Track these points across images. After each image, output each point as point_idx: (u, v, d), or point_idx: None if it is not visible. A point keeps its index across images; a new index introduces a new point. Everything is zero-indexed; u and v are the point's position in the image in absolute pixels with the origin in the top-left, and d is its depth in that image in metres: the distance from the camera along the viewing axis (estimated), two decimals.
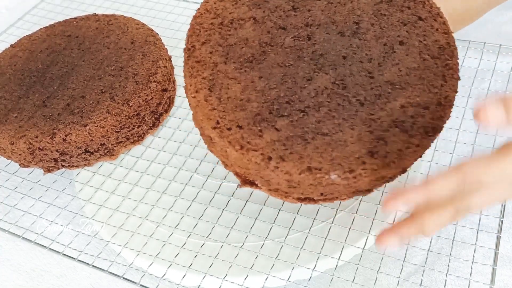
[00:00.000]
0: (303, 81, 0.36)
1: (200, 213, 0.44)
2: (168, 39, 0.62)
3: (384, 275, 0.41)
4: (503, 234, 0.42)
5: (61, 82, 0.50)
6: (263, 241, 0.42)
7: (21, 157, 0.48)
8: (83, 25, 0.57)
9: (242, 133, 0.34)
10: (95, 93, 0.48)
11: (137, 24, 0.56)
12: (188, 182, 0.47)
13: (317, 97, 0.35)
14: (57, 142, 0.45)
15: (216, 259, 0.41)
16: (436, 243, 0.43)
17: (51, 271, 0.46)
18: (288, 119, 0.34)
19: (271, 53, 0.37)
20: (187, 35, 0.40)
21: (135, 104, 0.48)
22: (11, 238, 0.49)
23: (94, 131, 0.46)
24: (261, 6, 0.40)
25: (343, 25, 0.39)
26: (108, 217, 0.45)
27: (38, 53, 0.55)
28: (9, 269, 0.47)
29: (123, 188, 0.47)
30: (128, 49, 0.52)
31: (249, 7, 0.40)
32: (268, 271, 0.39)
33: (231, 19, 0.40)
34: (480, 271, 0.41)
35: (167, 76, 0.52)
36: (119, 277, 0.41)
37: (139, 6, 0.71)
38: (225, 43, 0.38)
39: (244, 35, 0.39)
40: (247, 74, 0.36)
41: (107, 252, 0.45)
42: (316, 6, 0.40)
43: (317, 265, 0.39)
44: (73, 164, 0.48)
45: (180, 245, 0.42)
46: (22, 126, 0.47)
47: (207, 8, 0.41)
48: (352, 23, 0.39)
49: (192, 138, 0.51)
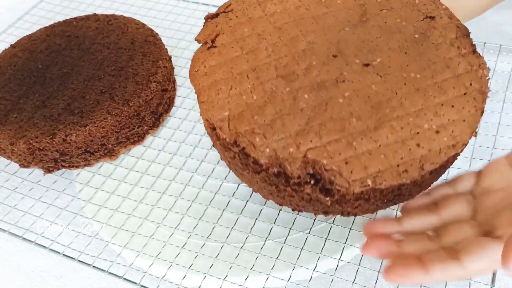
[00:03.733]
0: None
1: (200, 213, 0.44)
2: (168, 39, 0.62)
3: None
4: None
5: (61, 82, 0.50)
6: (263, 241, 0.42)
7: (21, 157, 0.47)
8: (83, 25, 0.57)
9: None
10: (95, 93, 0.48)
11: (137, 24, 0.56)
12: (188, 183, 0.47)
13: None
14: (57, 142, 0.45)
15: (216, 259, 0.40)
16: None
17: (51, 271, 0.46)
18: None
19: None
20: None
21: (135, 104, 0.48)
22: (11, 239, 0.48)
23: (94, 131, 0.46)
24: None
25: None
26: (108, 217, 0.45)
27: (38, 53, 0.54)
28: (9, 270, 0.47)
29: (123, 189, 0.47)
30: (128, 49, 0.52)
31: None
32: (268, 272, 0.39)
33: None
34: None
35: (167, 76, 0.52)
36: (120, 278, 0.40)
37: (139, 6, 0.71)
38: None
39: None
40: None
41: (107, 252, 0.45)
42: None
43: (318, 265, 0.39)
44: (73, 164, 0.48)
45: (180, 246, 0.42)
46: (22, 126, 0.47)
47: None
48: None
49: (192, 138, 0.51)
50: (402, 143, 0.31)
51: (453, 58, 0.34)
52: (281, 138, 0.31)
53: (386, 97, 0.32)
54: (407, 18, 0.37)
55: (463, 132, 0.31)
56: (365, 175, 0.30)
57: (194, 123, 0.52)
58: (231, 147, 0.32)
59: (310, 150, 0.31)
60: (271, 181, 0.32)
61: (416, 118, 0.32)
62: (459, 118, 0.32)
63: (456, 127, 0.31)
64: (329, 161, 0.30)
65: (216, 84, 0.35)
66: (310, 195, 0.31)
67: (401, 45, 0.35)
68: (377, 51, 0.35)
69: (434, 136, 0.31)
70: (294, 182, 0.31)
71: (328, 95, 0.33)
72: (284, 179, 0.31)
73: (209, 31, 0.38)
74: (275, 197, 0.35)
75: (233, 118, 0.33)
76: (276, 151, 0.31)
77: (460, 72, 0.33)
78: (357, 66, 0.34)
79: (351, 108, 0.32)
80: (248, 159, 0.32)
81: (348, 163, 0.30)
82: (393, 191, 0.31)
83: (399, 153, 0.30)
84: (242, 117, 0.32)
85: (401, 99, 0.32)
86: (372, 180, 0.30)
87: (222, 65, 0.36)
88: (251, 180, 0.35)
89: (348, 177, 0.30)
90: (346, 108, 0.32)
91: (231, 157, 0.34)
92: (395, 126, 0.31)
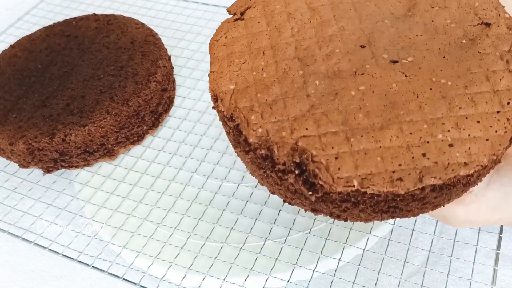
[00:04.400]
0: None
1: (200, 213, 0.44)
2: (167, 39, 0.62)
3: (385, 276, 0.41)
4: (504, 234, 0.42)
5: (60, 82, 0.50)
6: (263, 241, 0.42)
7: (20, 157, 0.47)
8: (82, 25, 0.57)
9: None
10: (95, 93, 0.48)
11: (136, 23, 0.56)
12: (188, 183, 0.47)
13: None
14: (57, 142, 0.45)
15: (216, 259, 0.40)
16: (437, 243, 0.43)
17: (51, 271, 0.46)
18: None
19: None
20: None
21: (134, 104, 0.48)
22: (10, 239, 0.48)
23: (94, 131, 0.46)
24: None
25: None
26: (108, 217, 0.45)
27: (37, 53, 0.54)
28: (9, 270, 0.47)
29: (123, 189, 0.47)
30: (128, 49, 0.52)
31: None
32: (268, 272, 0.39)
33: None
34: (481, 272, 0.40)
35: (166, 76, 0.52)
36: (119, 278, 0.40)
37: (139, 6, 0.71)
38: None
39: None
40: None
41: (107, 252, 0.44)
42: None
43: (318, 265, 0.39)
44: (73, 164, 0.48)
45: (180, 246, 0.42)
46: (22, 126, 0.46)
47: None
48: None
49: (192, 138, 0.51)
50: (407, 149, 0.28)
51: (497, 71, 0.30)
52: (278, 120, 0.30)
53: (405, 98, 0.30)
54: (459, 20, 0.33)
55: (481, 152, 0.27)
56: (352, 175, 0.27)
57: (194, 123, 0.52)
58: (227, 121, 0.31)
59: (303, 137, 0.29)
60: (259, 164, 0.31)
61: (431, 126, 0.28)
62: (482, 136, 0.28)
63: (474, 144, 0.28)
64: (318, 153, 0.28)
65: (230, 55, 0.33)
66: (293, 186, 0.30)
67: (442, 48, 0.32)
68: (412, 50, 0.32)
69: (445, 149, 0.28)
70: (279, 169, 0.29)
71: (341, 85, 0.30)
72: (271, 163, 0.29)
73: (242, 2, 0.37)
74: (265, 182, 0.34)
75: (237, 92, 0.31)
76: (268, 132, 0.29)
77: (501, 88, 0.29)
78: (384, 61, 0.31)
79: (361, 103, 0.29)
80: (240, 136, 0.30)
81: (338, 159, 0.28)
82: (387, 201, 0.28)
83: (398, 159, 0.28)
84: (245, 92, 0.31)
85: (421, 103, 0.29)
86: (359, 181, 0.27)
87: (243, 38, 0.34)
88: (243, 160, 0.34)
89: (334, 173, 0.27)
90: (356, 101, 0.30)
91: (227, 131, 0.33)
92: (404, 130, 0.28)
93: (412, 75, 0.30)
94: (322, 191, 0.28)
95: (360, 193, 0.28)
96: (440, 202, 0.31)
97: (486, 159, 0.27)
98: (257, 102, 0.31)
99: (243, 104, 0.31)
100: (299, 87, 0.31)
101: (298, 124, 0.29)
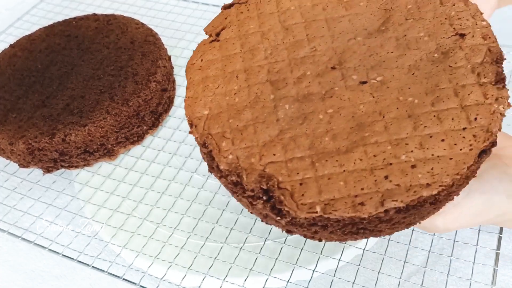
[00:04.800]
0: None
1: (200, 213, 0.44)
2: (167, 39, 0.62)
3: (385, 276, 0.41)
4: (504, 235, 0.41)
5: (60, 82, 0.50)
6: (263, 241, 0.42)
7: (20, 157, 0.47)
8: (82, 25, 0.57)
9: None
10: (95, 93, 0.48)
11: (136, 23, 0.56)
12: (188, 183, 0.47)
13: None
14: (56, 142, 0.45)
15: (216, 259, 0.40)
16: (437, 243, 0.43)
17: (51, 271, 0.46)
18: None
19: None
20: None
21: (134, 104, 0.48)
22: (10, 239, 0.48)
23: (94, 131, 0.46)
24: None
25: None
26: (108, 217, 0.45)
27: (37, 53, 0.54)
28: (9, 270, 0.47)
29: (123, 189, 0.47)
30: (128, 49, 0.52)
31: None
32: (268, 272, 0.39)
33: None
34: (481, 272, 0.40)
35: (166, 76, 0.52)
36: (119, 278, 0.40)
37: (139, 6, 0.71)
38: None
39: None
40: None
41: (106, 252, 0.44)
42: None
43: (318, 266, 0.39)
44: (73, 164, 0.48)
45: (180, 246, 0.42)
46: (22, 126, 0.46)
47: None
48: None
49: (192, 138, 0.51)
50: (370, 172, 0.28)
51: (466, 85, 0.30)
52: (247, 146, 0.30)
53: (371, 119, 0.30)
54: (432, 33, 0.32)
55: (444, 172, 0.27)
56: (316, 200, 0.28)
57: None
58: (201, 147, 0.32)
59: (270, 164, 0.29)
60: (231, 189, 0.32)
61: (395, 147, 0.28)
62: (446, 155, 0.28)
63: (438, 164, 0.27)
64: (284, 179, 0.29)
65: (205, 80, 0.34)
66: (263, 210, 0.30)
67: (412, 64, 0.31)
68: (382, 68, 0.32)
69: (407, 170, 0.27)
70: (249, 195, 0.30)
71: (310, 109, 0.31)
72: (241, 189, 0.30)
73: (217, 23, 0.38)
74: (242, 204, 0.35)
75: (210, 117, 0.32)
76: (238, 159, 0.30)
77: (468, 104, 0.29)
78: (353, 82, 0.32)
79: (328, 126, 0.30)
80: (213, 162, 0.31)
81: (302, 185, 0.28)
82: (354, 224, 0.29)
83: (361, 183, 0.28)
84: (218, 118, 0.32)
85: (387, 124, 0.29)
86: (322, 207, 0.28)
87: (217, 61, 0.35)
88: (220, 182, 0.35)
89: (298, 200, 0.28)
90: (324, 125, 0.30)
91: (202, 156, 0.34)
92: (368, 152, 0.29)
93: (380, 95, 0.31)
94: (290, 216, 0.29)
95: (325, 219, 0.28)
96: (412, 221, 0.31)
97: (449, 179, 0.27)
98: (229, 128, 0.31)
99: (216, 131, 0.32)
100: (270, 112, 0.32)
101: (267, 149, 0.30)
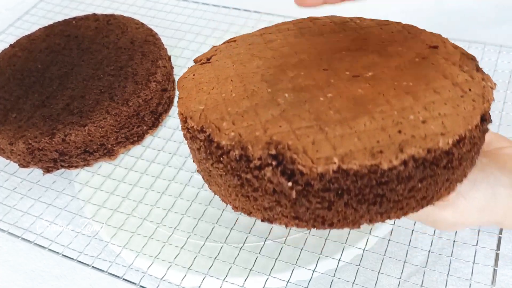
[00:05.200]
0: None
1: (200, 213, 0.44)
2: (167, 39, 0.62)
3: (385, 276, 0.41)
4: (504, 235, 0.42)
5: (60, 82, 0.50)
6: (263, 241, 0.42)
7: (20, 157, 0.47)
8: (82, 24, 0.57)
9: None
10: (95, 93, 0.48)
11: (136, 23, 0.56)
12: (188, 183, 0.47)
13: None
14: (56, 142, 0.45)
15: (216, 259, 0.40)
16: (437, 243, 0.43)
17: (51, 271, 0.46)
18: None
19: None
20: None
21: (134, 104, 0.48)
22: (10, 239, 0.48)
23: (94, 131, 0.46)
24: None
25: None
26: (108, 217, 0.45)
27: (37, 53, 0.54)
28: (9, 270, 0.47)
29: (123, 189, 0.47)
30: (128, 49, 0.52)
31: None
32: (268, 272, 0.39)
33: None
34: (481, 272, 0.40)
35: (166, 76, 0.52)
36: (119, 278, 0.40)
37: (139, 6, 0.71)
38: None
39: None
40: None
41: (106, 252, 0.44)
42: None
43: (318, 266, 0.39)
44: (73, 164, 0.48)
45: (180, 246, 0.42)
46: (21, 126, 0.46)
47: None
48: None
49: None
50: (382, 130, 0.28)
51: (452, 72, 0.32)
52: (250, 124, 0.30)
53: (372, 97, 0.31)
54: (409, 48, 0.35)
55: (455, 123, 0.28)
56: (332, 154, 0.27)
57: None
58: (198, 135, 0.31)
59: (277, 133, 0.29)
60: (233, 169, 0.31)
61: (401, 112, 0.29)
62: (453, 112, 0.29)
63: (447, 119, 0.28)
64: (294, 142, 0.28)
65: (199, 85, 0.34)
66: (272, 182, 0.29)
67: (398, 65, 0.33)
68: (372, 67, 0.33)
69: (419, 125, 0.28)
70: (255, 166, 0.29)
71: (309, 95, 0.31)
72: (245, 164, 0.29)
73: (207, 54, 0.39)
74: (240, 201, 0.33)
75: (207, 110, 0.32)
76: (241, 135, 0.29)
77: (459, 82, 0.31)
78: (347, 76, 0.33)
79: (331, 104, 0.30)
80: (211, 145, 0.30)
81: (315, 144, 0.28)
82: (371, 187, 0.28)
83: (375, 137, 0.28)
84: (215, 109, 0.31)
85: (388, 99, 0.30)
86: (339, 158, 0.27)
87: (210, 72, 0.36)
88: (216, 180, 0.34)
89: (313, 156, 0.27)
90: (326, 104, 0.30)
91: (196, 148, 0.33)
92: (375, 117, 0.29)
93: (375, 83, 0.32)
94: (303, 181, 0.28)
95: (343, 176, 0.27)
96: (428, 191, 0.30)
97: (462, 129, 0.28)
98: (228, 114, 0.31)
99: (214, 117, 0.31)
100: (269, 99, 0.31)
101: (271, 124, 0.29)
